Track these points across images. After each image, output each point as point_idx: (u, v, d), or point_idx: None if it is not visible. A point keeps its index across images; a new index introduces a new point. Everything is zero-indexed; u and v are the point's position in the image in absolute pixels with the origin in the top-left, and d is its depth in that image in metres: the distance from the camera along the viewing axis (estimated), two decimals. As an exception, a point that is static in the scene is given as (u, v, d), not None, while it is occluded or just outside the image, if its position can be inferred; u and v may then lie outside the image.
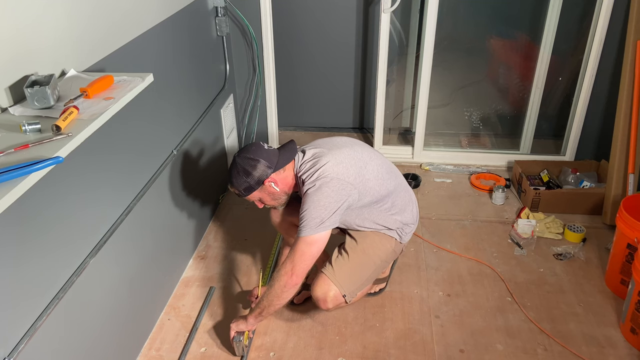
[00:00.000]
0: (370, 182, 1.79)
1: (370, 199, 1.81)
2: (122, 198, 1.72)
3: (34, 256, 1.28)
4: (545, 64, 2.94)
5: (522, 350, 1.93)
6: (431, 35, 2.83)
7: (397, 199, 1.90)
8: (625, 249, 2.08)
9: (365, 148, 1.89)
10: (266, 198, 1.84)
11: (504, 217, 2.70)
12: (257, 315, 1.81)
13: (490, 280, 2.27)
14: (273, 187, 1.79)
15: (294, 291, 1.74)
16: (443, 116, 3.26)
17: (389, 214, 1.89)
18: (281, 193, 1.83)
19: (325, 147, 1.83)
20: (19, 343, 1.23)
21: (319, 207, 1.67)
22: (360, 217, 1.87)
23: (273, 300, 1.75)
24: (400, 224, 1.92)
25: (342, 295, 1.84)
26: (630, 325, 1.93)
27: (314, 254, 1.70)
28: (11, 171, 0.95)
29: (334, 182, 1.69)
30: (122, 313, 1.77)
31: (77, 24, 1.44)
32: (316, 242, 1.68)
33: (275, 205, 1.89)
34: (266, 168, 1.75)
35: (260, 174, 1.75)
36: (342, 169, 1.73)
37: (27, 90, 1.18)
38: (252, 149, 1.78)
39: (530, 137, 3.17)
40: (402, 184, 1.96)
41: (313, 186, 1.70)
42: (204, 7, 2.53)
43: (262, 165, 1.74)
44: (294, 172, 1.82)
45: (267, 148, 1.80)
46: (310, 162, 1.78)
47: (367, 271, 1.91)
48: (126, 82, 1.39)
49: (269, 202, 1.87)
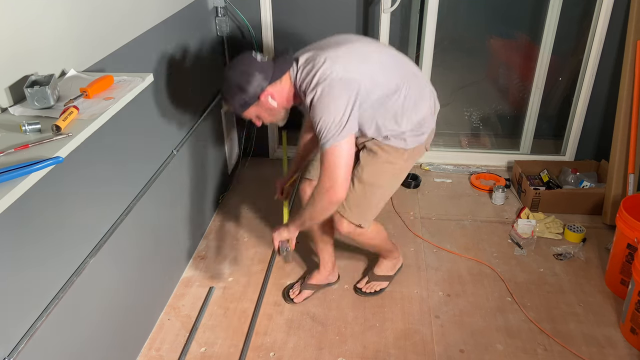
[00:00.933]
0: (376, 74, 1.65)
1: (380, 92, 1.66)
2: (122, 198, 1.72)
3: (33, 256, 1.28)
4: (545, 64, 2.94)
5: (522, 350, 1.93)
6: (431, 35, 2.83)
7: (410, 89, 1.72)
8: (625, 249, 2.08)
9: (367, 41, 1.74)
10: (263, 114, 1.72)
11: (504, 217, 2.70)
12: (300, 225, 1.77)
13: (490, 280, 2.27)
14: (270, 102, 1.66)
15: (338, 204, 1.65)
16: (443, 116, 3.24)
17: (404, 110, 1.73)
18: (279, 108, 1.70)
19: (318, 47, 1.67)
20: (19, 343, 1.23)
21: (331, 112, 1.53)
22: (373, 121, 1.74)
23: (317, 215, 1.68)
24: (416, 123, 1.78)
25: (358, 225, 1.84)
26: (630, 325, 1.93)
27: (348, 161, 1.58)
28: (11, 171, 0.95)
29: (335, 82, 1.55)
30: (122, 313, 1.77)
31: (77, 23, 1.44)
32: (344, 149, 1.55)
33: (274, 121, 1.77)
34: (262, 81, 1.61)
35: (255, 88, 1.61)
36: (340, 65, 1.58)
37: (27, 90, 1.18)
38: (245, 61, 1.63)
39: (530, 137, 3.17)
40: (413, 71, 1.78)
41: (315, 93, 1.56)
42: (204, 7, 2.53)
43: (257, 78, 1.60)
44: (292, 83, 1.68)
45: (260, 59, 1.65)
46: (306, 68, 1.62)
47: (375, 197, 1.85)
48: (126, 82, 1.39)
49: (267, 119, 1.75)
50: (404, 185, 2.96)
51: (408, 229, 2.60)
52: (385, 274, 2.20)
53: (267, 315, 2.10)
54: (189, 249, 2.41)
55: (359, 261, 2.39)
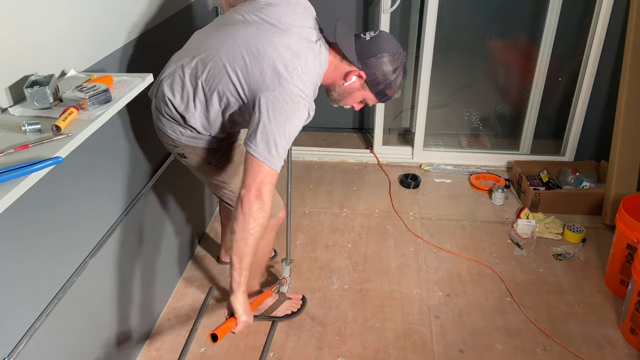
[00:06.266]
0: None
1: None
2: (122, 198, 1.72)
3: (33, 256, 1.28)
4: (545, 64, 2.94)
5: (522, 350, 1.93)
6: (431, 35, 2.83)
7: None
8: (624, 249, 2.08)
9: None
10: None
11: (504, 218, 2.70)
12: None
13: (489, 280, 2.27)
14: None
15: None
16: (443, 116, 3.26)
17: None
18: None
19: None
20: (18, 343, 1.23)
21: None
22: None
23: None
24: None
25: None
26: (630, 326, 1.93)
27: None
28: (11, 171, 0.95)
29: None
30: (121, 313, 1.77)
31: (77, 23, 1.44)
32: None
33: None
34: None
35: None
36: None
37: (27, 90, 1.19)
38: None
39: (530, 138, 3.17)
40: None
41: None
42: (204, 7, 2.53)
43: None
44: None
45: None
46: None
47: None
48: (126, 83, 1.39)
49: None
50: (403, 186, 2.96)
51: (408, 229, 2.60)
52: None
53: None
54: (189, 249, 2.41)
55: (356, 264, 2.39)
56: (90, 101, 1.21)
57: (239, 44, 1.46)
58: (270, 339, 1.98)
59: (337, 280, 2.28)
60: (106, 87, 1.25)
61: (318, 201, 2.84)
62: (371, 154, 3.26)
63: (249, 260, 1.43)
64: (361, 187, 2.97)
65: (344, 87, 1.58)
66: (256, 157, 1.37)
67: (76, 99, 1.20)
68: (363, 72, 1.53)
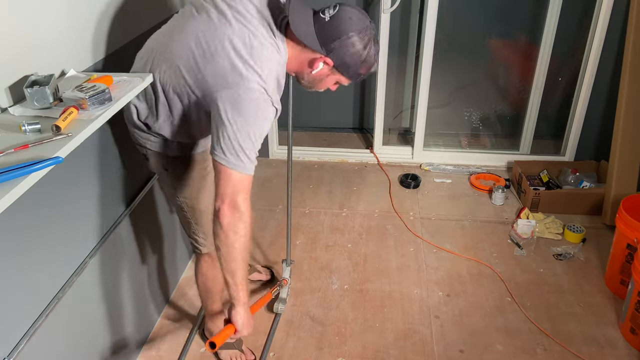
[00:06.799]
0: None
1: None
2: (122, 198, 1.72)
3: (33, 256, 1.28)
4: (545, 64, 2.94)
5: (522, 350, 1.93)
6: (431, 35, 2.83)
7: None
8: (625, 249, 2.08)
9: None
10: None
11: (504, 218, 2.70)
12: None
13: (489, 280, 2.27)
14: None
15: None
16: (443, 116, 3.26)
17: None
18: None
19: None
20: (18, 343, 1.23)
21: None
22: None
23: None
24: None
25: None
26: (630, 326, 1.93)
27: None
28: (11, 171, 0.95)
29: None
30: (121, 313, 1.77)
31: (77, 23, 1.44)
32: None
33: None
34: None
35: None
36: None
37: (26, 90, 1.18)
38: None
39: (530, 138, 3.17)
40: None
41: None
42: (204, 7, 2.53)
43: None
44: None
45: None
46: None
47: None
48: (126, 82, 1.38)
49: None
50: (404, 186, 2.96)
51: (408, 229, 2.60)
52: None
53: (267, 316, 2.10)
54: (189, 249, 2.40)
55: (356, 264, 2.39)
56: (90, 101, 1.21)
57: (189, 38, 1.32)
58: (270, 339, 1.98)
59: (337, 281, 2.28)
60: (106, 87, 1.25)
61: (318, 201, 2.84)
62: (371, 154, 3.26)
63: (241, 273, 1.37)
64: (361, 187, 2.97)
65: (312, 75, 1.42)
66: (223, 164, 1.26)
67: (76, 98, 1.20)
68: (329, 59, 1.36)
